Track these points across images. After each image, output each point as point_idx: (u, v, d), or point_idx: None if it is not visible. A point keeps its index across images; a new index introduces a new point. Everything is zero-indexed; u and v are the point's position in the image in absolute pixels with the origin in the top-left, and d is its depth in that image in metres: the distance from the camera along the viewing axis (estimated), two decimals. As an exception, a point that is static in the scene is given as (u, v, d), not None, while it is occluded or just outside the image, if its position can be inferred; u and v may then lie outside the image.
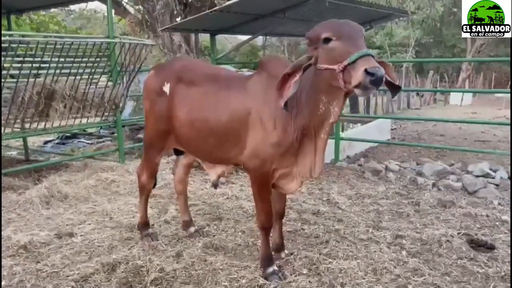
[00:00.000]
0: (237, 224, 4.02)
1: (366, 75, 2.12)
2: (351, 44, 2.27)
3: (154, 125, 3.30)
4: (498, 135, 9.78)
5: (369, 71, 2.11)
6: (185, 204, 3.82)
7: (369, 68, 2.12)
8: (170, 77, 3.18)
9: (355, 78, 2.18)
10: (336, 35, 2.32)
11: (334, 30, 2.34)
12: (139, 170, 3.62)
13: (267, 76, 2.83)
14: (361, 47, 2.25)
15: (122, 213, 4.43)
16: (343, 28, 2.35)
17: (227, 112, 2.89)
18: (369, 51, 2.22)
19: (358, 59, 2.19)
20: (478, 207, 4.31)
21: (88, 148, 8.73)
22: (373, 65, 2.14)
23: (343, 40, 2.30)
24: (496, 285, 2.86)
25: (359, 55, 2.19)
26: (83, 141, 9.49)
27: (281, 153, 2.75)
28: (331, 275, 3.02)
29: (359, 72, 2.15)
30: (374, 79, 2.11)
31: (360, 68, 2.15)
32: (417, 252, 3.36)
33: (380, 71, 2.12)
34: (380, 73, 2.11)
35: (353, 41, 2.30)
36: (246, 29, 7.45)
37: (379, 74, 2.11)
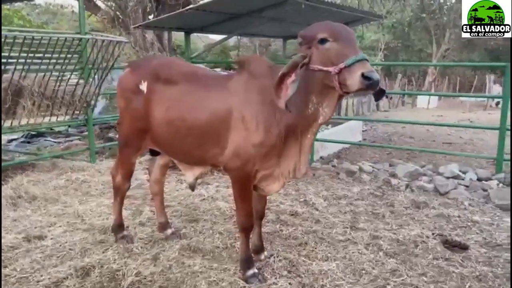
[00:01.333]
0: (214, 225, 3.96)
1: (363, 79, 2.16)
2: (348, 47, 2.30)
3: (130, 123, 3.21)
4: (463, 137, 10.09)
5: (366, 75, 2.16)
6: (161, 206, 3.74)
7: (366, 72, 2.16)
8: (147, 75, 3.09)
9: (353, 82, 2.21)
10: (333, 37, 2.35)
11: (331, 32, 2.37)
12: (113, 170, 3.52)
13: (249, 75, 2.80)
14: (358, 51, 2.29)
15: (95, 214, 4.30)
16: (340, 31, 2.39)
17: (207, 111, 2.84)
18: (365, 56, 2.26)
19: (355, 62, 2.22)
20: (450, 208, 4.42)
21: (56, 147, 8.43)
22: (370, 69, 2.19)
23: (340, 42, 2.33)
24: (472, 285, 2.92)
25: (356, 59, 2.23)
26: (49, 139, 9.16)
27: (263, 153, 2.72)
28: (311, 276, 3.02)
29: (357, 77, 2.19)
30: (371, 83, 2.16)
31: (357, 72, 2.19)
32: (394, 253, 3.40)
33: (376, 75, 2.17)
34: (377, 77, 2.17)
35: (350, 44, 2.34)
36: (222, 28, 7.39)
37: (375, 78, 2.16)
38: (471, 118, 15.23)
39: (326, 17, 8.04)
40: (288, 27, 8.57)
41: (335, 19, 8.34)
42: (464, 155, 6.88)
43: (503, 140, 5.36)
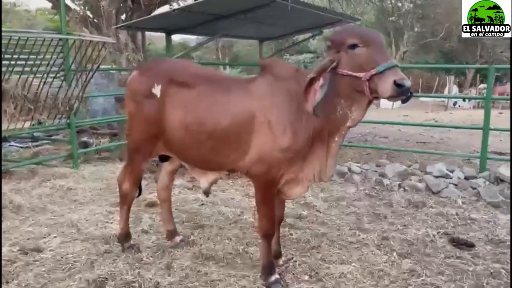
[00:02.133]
0: (221, 231, 3.88)
1: (395, 87, 2.20)
2: (378, 53, 2.32)
3: (141, 128, 3.08)
4: (434, 137, 10.44)
5: (398, 83, 2.19)
6: (169, 213, 3.62)
7: (398, 80, 2.20)
8: (161, 78, 2.98)
9: (386, 89, 2.24)
10: (363, 42, 2.36)
11: (362, 37, 2.38)
12: (120, 177, 3.37)
13: (274, 79, 2.76)
14: (389, 58, 2.32)
15: (91, 223, 4.11)
16: (371, 36, 2.40)
17: (228, 115, 2.77)
18: (396, 63, 2.29)
19: (386, 69, 2.24)
20: (446, 207, 4.54)
21: (24, 152, 7.99)
22: (401, 76, 2.21)
23: (370, 48, 2.33)
24: (489, 281, 3.01)
25: (388, 66, 2.25)
26: (15, 145, 8.68)
27: (290, 158, 2.69)
28: (333, 280, 3.01)
29: (389, 84, 2.22)
30: (403, 90, 2.21)
31: (389, 79, 2.22)
32: (407, 253, 3.45)
33: (407, 82, 2.20)
34: (408, 84, 2.20)
35: (381, 50, 2.35)
36: (204, 29, 7.30)
37: (407, 85, 2.20)
38: (436, 118, 15.81)
39: (305, 20, 8.15)
40: (265, 29, 8.59)
41: (313, 21, 8.46)
42: (450, 154, 7.11)
43: (487, 139, 5.58)
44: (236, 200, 4.69)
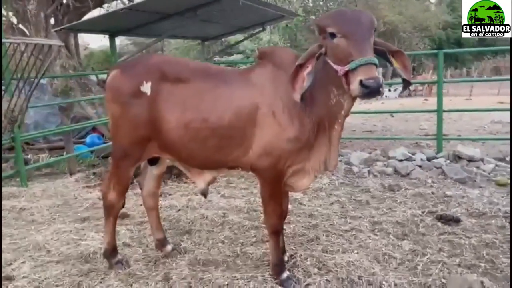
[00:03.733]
0: (211, 234, 3.69)
1: (361, 87, 2.08)
2: (355, 46, 2.16)
3: (129, 132, 2.80)
4: (377, 125, 10.86)
5: (364, 84, 2.07)
6: (157, 221, 3.36)
7: (364, 80, 2.07)
8: (150, 75, 2.74)
9: (353, 88, 2.14)
10: (341, 32, 2.20)
11: (340, 26, 2.21)
12: (104, 187, 3.06)
13: (273, 67, 2.64)
14: (365, 52, 2.14)
15: (61, 243, 3.72)
16: (350, 25, 2.21)
17: (231, 109, 2.61)
18: (370, 59, 2.12)
19: (358, 67, 2.11)
20: (419, 187, 4.69)
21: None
22: (370, 76, 2.07)
23: (348, 40, 2.18)
24: (488, 251, 3.11)
25: (359, 64, 2.11)
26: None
27: (298, 148, 2.59)
28: (343, 270, 2.94)
29: (355, 84, 2.11)
30: (368, 91, 2.08)
31: (356, 78, 2.10)
32: (403, 235, 3.49)
33: (375, 82, 2.06)
34: (375, 85, 2.06)
35: (358, 42, 2.17)
36: (151, 30, 6.96)
37: (374, 86, 2.06)
38: (370, 108, 16.48)
39: (249, 17, 8.10)
40: (209, 28, 8.42)
41: (258, 18, 8.43)
42: (410, 138, 7.56)
43: (441, 122, 5.86)
44: (214, 202, 4.50)
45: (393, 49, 2.41)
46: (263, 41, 28.16)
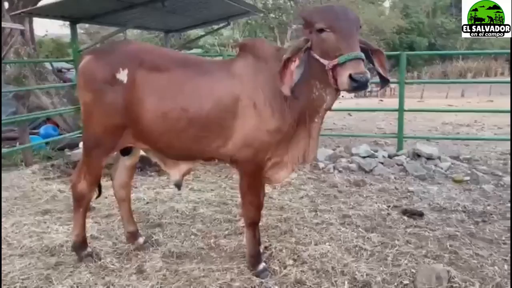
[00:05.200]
0: (182, 227, 3.65)
1: (350, 81, 2.13)
2: (343, 41, 2.20)
3: (102, 120, 2.71)
4: (337, 124, 11.11)
5: (353, 77, 2.12)
6: (129, 213, 3.28)
7: (354, 74, 2.12)
8: (127, 62, 2.66)
9: (341, 82, 2.19)
10: (330, 27, 2.24)
11: (328, 21, 2.25)
12: (75, 177, 2.95)
13: (255, 59, 2.64)
14: (353, 47, 2.20)
15: (22, 236, 3.56)
16: (338, 20, 2.24)
17: (211, 100, 2.59)
18: (358, 54, 2.18)
19: (346, 61, 2.16)
20: (383, 183, 4.86)
21: None
22: (359, 70, 2.13)
23: (336, 34, 2.22)
24: (451, 243, 3.27)
25: (348, 58, 2.16)
26: None
27: (278, 140, 2.61)
28: (317, 261, 3.00)
29: (345, 77, 2.15)
30: (357, 86, 2.13)
31: (346, 72, 2.15)
32: (372, 228, 3.60)
33: (364, 77, 2.12)
34: (364, 80, 2.12)
35: (346, 37, 2.21)
36: (115, 19, 6.76)
37: (362, 80, 2.12)
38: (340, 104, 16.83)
39: (213, 10, 8.05)
40: (173, 20, 8.29)
41: (223, 12, 8.38)
42: (373, 136, 7.87)
43: (402, 121, 6.09)
44: (183, 196, 4.45)
45: (373, 47, 2.47)
46: (224, 36, 28.15)
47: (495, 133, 9.59)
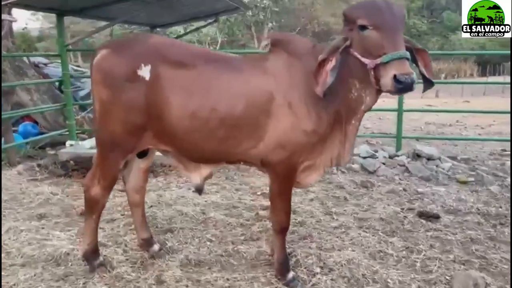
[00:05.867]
0: (195, 232, 3.45)
1: (394, 82, 2.03)
2: (388, 39, 2.09)
3: (121, 119, 2.49)
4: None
5: (398, 79, 2.02)
6: (143, 219, 3.07)
7: (399, 75, 2.02)
8: (149, 57, 2.45)
9: (385, 83, 2.09)
10: (373, 24, 2.12)
11: (372, 18, 2.13)
12: (88, 180, 2.72)
13: (289, 56, 2.49)
14: (398, 46, 2.09)
15: (21, 244, 3.29)
16: (383, 17, 2.12)
17: (244, 98, 2.43)
18: (404, 54, 2.08)
19: (391, 60, 2.06)
20: (390, 184, 4.78)
21: None
22: (404, 71, 2.02)
23: (381, 32, 2.11)
24: (477, 248, 3.21)
25: (392, 58, 2.06)
26: None
27: (314, 141, 2.47)
28: (345, 268, 2.87)
29: (388, 78, 2.05)
30: (402, 87, 2.03)
31: (390, 72, 2.04)
32: (392, 231, 3.50)
33: (409, 78, 2.01)
34: (409, 81, 2.01)
35: (391, 35, 2.11)
36: (103, 12, 6.45)
37: (408, 82, 2.01)
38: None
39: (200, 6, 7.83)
40: (160, 15, 8.03)
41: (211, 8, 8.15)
42: (374, 136, 7.79)
43: (401, 121, 6.05)
44: (189, 198, 4.24)
45: (417, 46, 2.35)
46: (203, 33, 27.77)
47: (478, 133, 9.76)
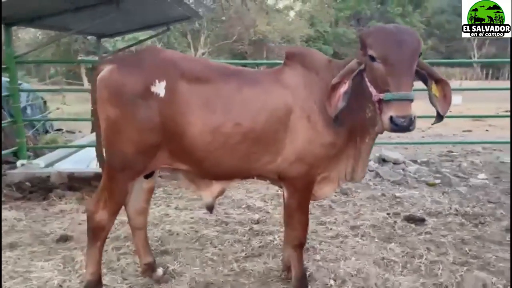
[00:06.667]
0: (193, 252, 3.29)
1: (390, 123, 2.01)
2: (393, 77, 2.04)
3: (132, 138, 2.32)
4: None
5: (394, 121, 1.99)
6: (145, 242, 2.88)
7: (395, 117, 1.99)
8: (164, 73, 2.31)
9: (382, 120, 2.08)
10: (381, 58, 2.07)
11: (381, 49, 2.08)
12: (92, 205, 2.50)
13: (305, 70, 2.46)
14: (402, 85, 2.02)
15: (2, 278, 2.95)
16: (392, 51, 2.06)
17: (265, 112, 2.37)
18: (405, 95, 2.01)
19: (392, 100, 2.02)
20: (367, 189, 4.89)
21: None
22: (401, 114, 1.98)
23: (387, 68, 2.06)
24: (470, 248, 3.36)
25: (393, 98, 2.01)
26: None
27: (333, 154, 2.46)
28: (356, 278, 2.89)
29: (386, 117, 2.03)
30: (398, 128, 2.00)
31: (388, 112, 2.02)
32: (386, 237, 3.57)
33: (406, 122, 1.98)
34: (405, 125, 1.98)
35: (398, 73, 2.04)
36: (51, 22, 6.02)
37: (403, 125, 1.98)
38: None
39: (154, 14, 7.61)
40: (110, 24, 7.68)
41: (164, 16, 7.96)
42: None
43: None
44: (173, 216, 4.05)
45: (436, 76, 2.24)
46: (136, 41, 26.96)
47: (422, 136, 10.33)
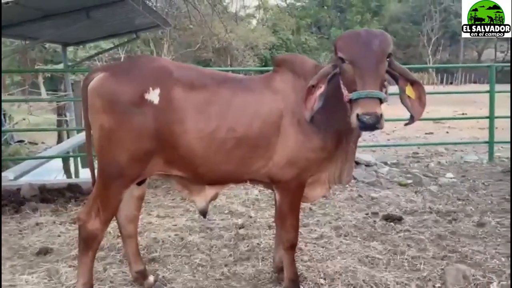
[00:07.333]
0: (181, 259, 3.29)
1: (357, 121, 2.05)
2: (359, 76, 2.09)
3: (127, 146, 2.32)
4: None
5: (360, 118, 2.03)
6: (137, 250, 2.86)
7: (361, 114, 2.02)
8: (158, 80, 2.33)
9: (351, 119, 2.11)
10: (349, 58, 2.14)
11: (348, 52, 2.15)
12: (84, 214, 2.47)
13: (294, 75, 2.55)
14: (368, 84, 2.06)
15: None
16: (358, 52, 2.12)
17: (259, 117, 2.43)
18: (370, 93, 2.05)
19: (358, 98, 2.06)
20: (344, 191, 5.03)
21: None
22: (366, 111, 2.01)
23: (354, 68, 2.12)
24: (448, 243, 3.53)
25: (359, 96, 2.06)
26: None
27: (323, 158, 2.54)
28: (345, 276, 2.98)
29: (353, 115, 2.08)
30: (363, 126, 2.04)
31: (355, 110, 2.06)
32: (369, 237, 3.69)
33: (371, 119, 2.01)
34: (371, 122, 2.01)
35: (364, 73, 2.09)
36: (25, 30, 5.90)
37: (369, 122, 2.01)
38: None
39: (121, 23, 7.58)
40: (76, 32, 7.58)
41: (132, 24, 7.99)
42: None
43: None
44: (155, 224, 4.02)
45: (411, 78, 2.29)
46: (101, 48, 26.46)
47: (387, 139, 10.68)
